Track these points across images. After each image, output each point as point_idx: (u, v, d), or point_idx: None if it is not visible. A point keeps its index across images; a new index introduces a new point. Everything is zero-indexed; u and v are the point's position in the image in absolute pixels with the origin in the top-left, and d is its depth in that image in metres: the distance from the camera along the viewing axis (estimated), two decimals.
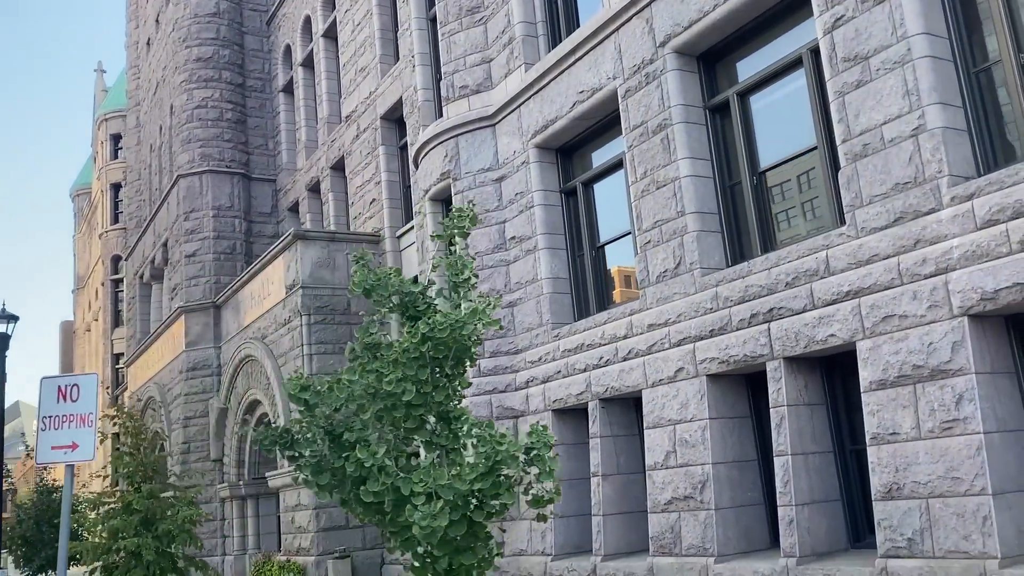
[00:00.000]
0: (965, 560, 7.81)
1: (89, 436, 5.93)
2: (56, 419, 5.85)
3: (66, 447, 5.92)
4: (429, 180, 16.59)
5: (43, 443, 5.82)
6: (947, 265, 8.30)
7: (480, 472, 3.59)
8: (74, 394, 5.91)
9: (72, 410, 5.85)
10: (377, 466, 3.55)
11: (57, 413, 5.83)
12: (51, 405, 5.83)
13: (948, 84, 8.77)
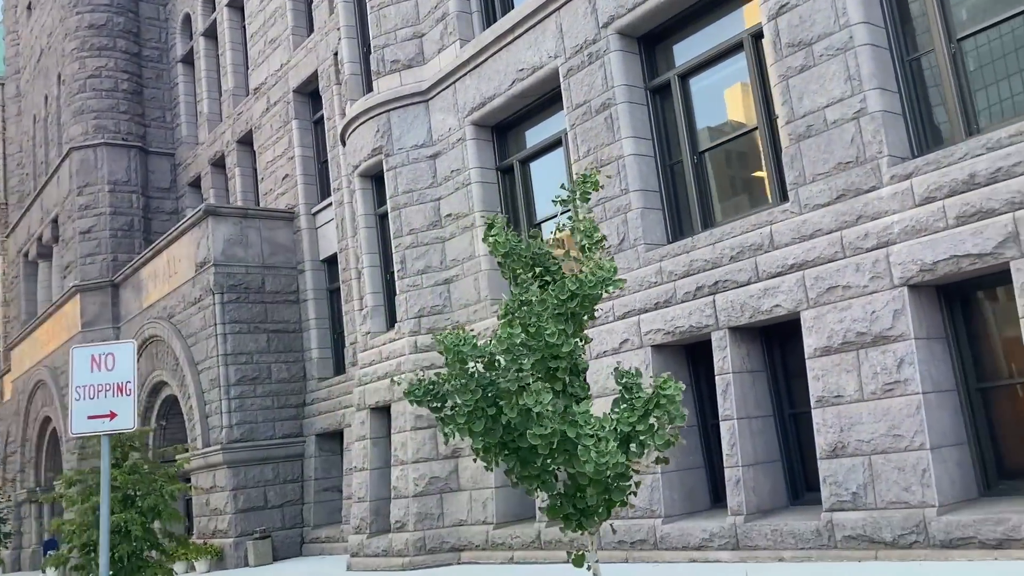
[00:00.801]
0: (906, 510, 8.52)
1: (128, 405, 5.75)
2: (91, 388, 5.66)
3: (104, 416, 5.74)
4: (359, 156, 16.48)
5: (78, 413, 5.63)
6: (888, 239, 8.96)
7: (639, 415, 3.86)
8: (109, 363, 5.72)
9: (108, 379, 5.68)
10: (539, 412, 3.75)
11: (92, 383, 5.65)
12: (85, 375, 5.65)
13: (886, 71, 9.42)
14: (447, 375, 3.76)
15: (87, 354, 5.64)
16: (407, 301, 15.26)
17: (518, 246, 4.17)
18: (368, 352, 16.23)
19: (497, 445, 3.76)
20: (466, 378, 3.77)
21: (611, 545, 11.49)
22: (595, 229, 4.18)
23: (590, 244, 4.18)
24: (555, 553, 12.31)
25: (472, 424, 3.83)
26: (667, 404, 3.81)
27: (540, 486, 4.01)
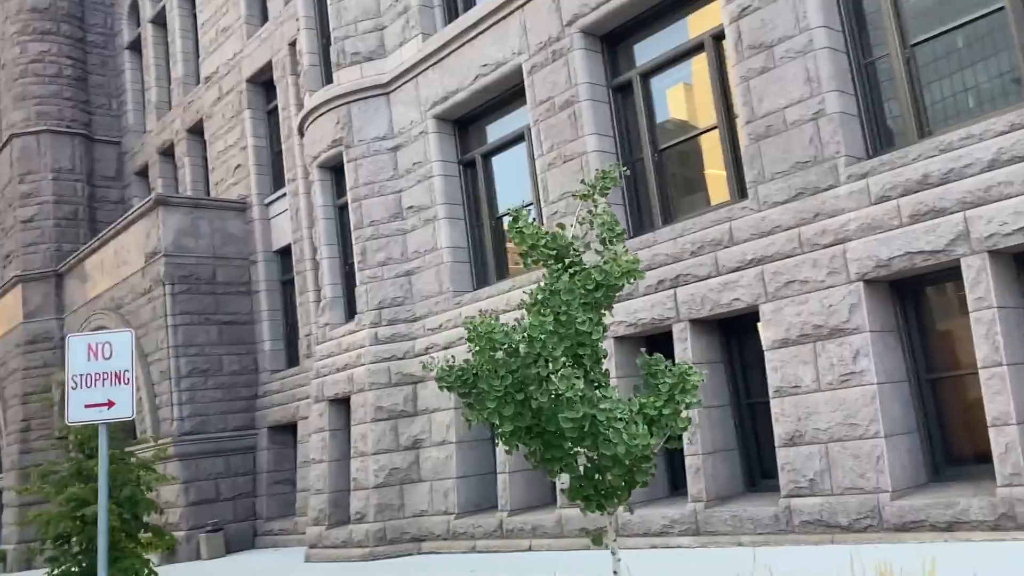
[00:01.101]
0: (861, 495, 8.92)
1: (126, 394, 5.75)
2: (88, 377, 5.65)
3: (101, 405, 5.73)
4: (318, 147, 16.43)
5: (75, 402, 5.61)
6: (845, 236, 9.34)
7: (664, 399, 4.05)
8: (106, 352, 5.71)
9: (106, 368, 5.67)
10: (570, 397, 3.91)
11: (89, 371, 5.63)
12: (81, 363, 5.63)
13: (843, 74, 9.80)
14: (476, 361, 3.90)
15: (84, 343, 5.63)
16: (367, 293, 15.30)
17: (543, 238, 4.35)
18: (327, 344, 16.22)
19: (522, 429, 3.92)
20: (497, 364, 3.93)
21: (573, 533, 11.74)
22: (616, 222, 4.38)
23: (611, 236, 4.37)
24: (518, 542, 12.54)
25: (502, 409, 3.99)
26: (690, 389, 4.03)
27: (562, 468, 4.20)
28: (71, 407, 5.62)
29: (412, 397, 14.73)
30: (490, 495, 14.02)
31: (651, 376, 3.86)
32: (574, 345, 3.90)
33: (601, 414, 3.87)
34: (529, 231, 4.44)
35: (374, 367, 14.88)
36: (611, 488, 4.23)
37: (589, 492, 4.24)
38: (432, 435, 14.33)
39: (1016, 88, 8.71)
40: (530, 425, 3.92)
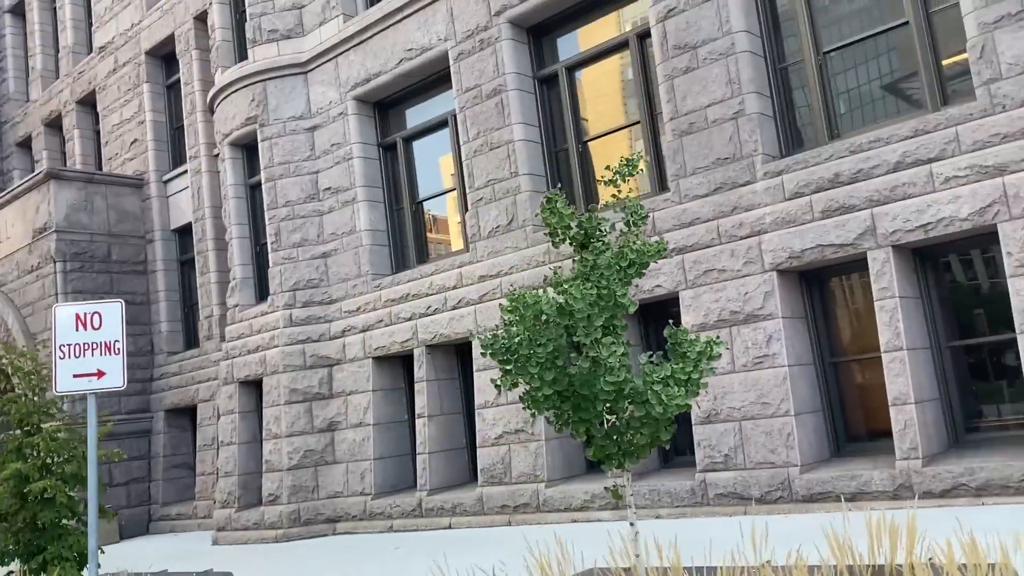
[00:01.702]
0: (772, 469, 9.63)
1: (117, 364, 5.63)
2: (77, 347, 5.50)
3: (90, 375, 5.60)
4: (231, 124, 16.15)
5: (63, 372, 5.45)
6: (761, 228, 10.01)
7: (692, 364, 4.38)
8: (96, 322, 5.55)
9: (95, 338, 5.51)
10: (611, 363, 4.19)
11: (77, 341, 5.49)
12: (69, 333, 5.47)
13: (762, 76, 10.47)
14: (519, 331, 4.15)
15: (71, 312, 5.52)
16: (281, 274, 15.19)
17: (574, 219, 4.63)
18: (237, 325, 16.00)
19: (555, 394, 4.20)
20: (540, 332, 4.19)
21: (494, 510, 12.11)
22: (640, 207, 4.72)
23: (636, 219, 4.70)
24: (437, 520, 12.81)
25: (544, 373, 4.26)
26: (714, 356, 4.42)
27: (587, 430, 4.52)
28: (59, 377, 5.52)
29: (328, 379, 14.75)
30: (406, 476, 14.24)
31: (677, 344, 4.22)
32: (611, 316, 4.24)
33: (638, 378, 4.21)
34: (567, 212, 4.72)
35: (289, 349, 14.81)
36: (634, 447, 4.59)
37: (612, 451, 4.57)
38: (348, 417, 14.40)
39: (919, 97, 9.54)
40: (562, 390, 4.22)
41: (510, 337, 4.19)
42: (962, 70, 9.22)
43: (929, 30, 9.45)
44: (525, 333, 4.19)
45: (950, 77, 9.39)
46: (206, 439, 19.20)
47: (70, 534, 7.53)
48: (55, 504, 7.29)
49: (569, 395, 4.30)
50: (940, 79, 9.39)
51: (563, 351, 4.16)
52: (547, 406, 4.38)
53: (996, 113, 8.51)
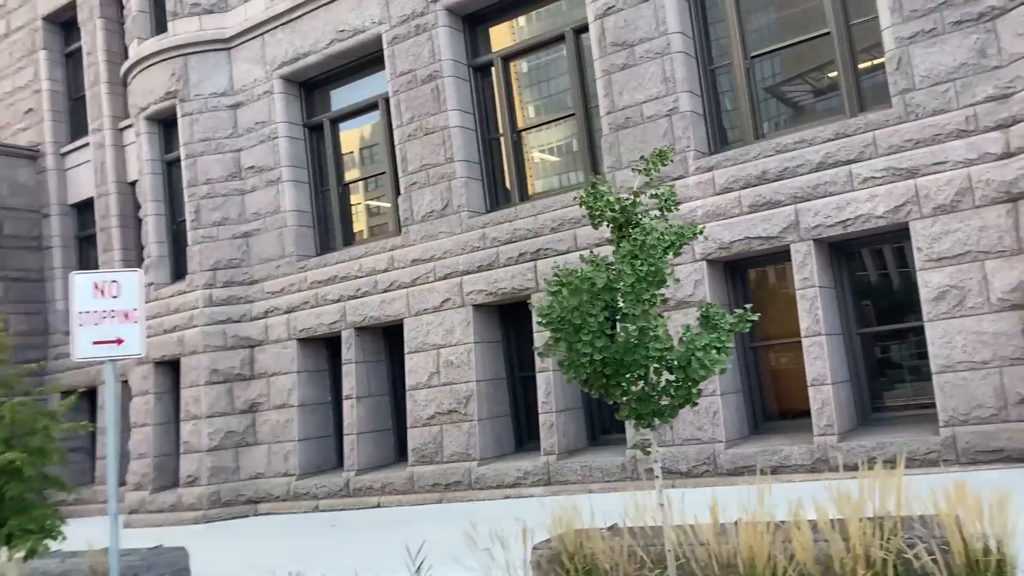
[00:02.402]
0: (699, 445, 10.29)
1: (135, 332, 5.53)
2: (95, 315, 5.38)
3: (110, 342, 5.50)
4: (148, 98, 15.72)
5: (82, 339, 5.35)
6: (693, 220, 10.62)
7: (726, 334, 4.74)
8: (113, 290, 5.43)
9: (113, 306, 5.40)
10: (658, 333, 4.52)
11: (95, 309, 5.38)
12: (87, 301, 5.36)
13: (694, 76, 11.08)
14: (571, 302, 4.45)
15: (89, 280, 5.45)
16: (201, 253, 14.95)
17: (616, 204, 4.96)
18: (152, 304, 15.63)
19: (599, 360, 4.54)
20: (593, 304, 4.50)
21: (425, 488, 12.39)
22: (673, 194, 5.09)
23: (669, 205, 5.07)
24: (366, 499, 12.98)
25: (595, 341, 4.58)
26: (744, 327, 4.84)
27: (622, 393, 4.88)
28: (78, 344, 5.48)
29: (249, 360, 14.64)
30: (329, 457, 14.32)
31: (709, 318, 4.62)
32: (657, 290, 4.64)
33: (681, 345, 4.61)
34: (612, 197, 5.05)
35: (209, 329, 14.61)
36: (664, 408, 5.00)
37: (645, 412, 4.97)
38: (271, 398, 14.35)
39: (839, 102, 10.33)
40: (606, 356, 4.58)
41: (565, 308, 4.51)
42: (879, 79, 10.05)
43: (849, 40, 10.25)
44: (582, 305, 4.53)
45: (867, 85, 10.22)
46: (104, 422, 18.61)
47: (35, 507, 7.41)
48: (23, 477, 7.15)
49: (610, 361, 4.67)
50: (858, 86, 10.20)
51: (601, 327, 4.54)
52: (587, 371, 4.75)
53: (910, 120, 9.35)
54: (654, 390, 4.92)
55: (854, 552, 4.42)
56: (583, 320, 4.58)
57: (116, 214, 19.24)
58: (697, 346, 4.53)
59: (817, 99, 10.72)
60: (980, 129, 8.94)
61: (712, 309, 4.89)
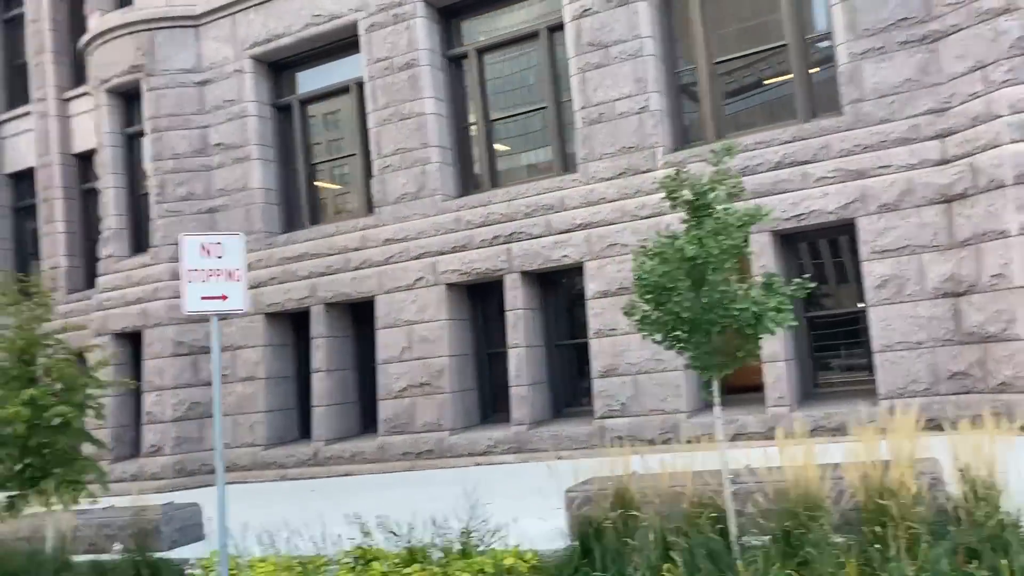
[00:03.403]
0: (662, 415, 11.30)
1: (238, 289, 5.94)
2: (202, 272, 5.79)
3: (216, 298, 5.92)
4: (111, 71, 15.75)
5: (192, 294, 5.75)
6: (662, 211, 11.52)
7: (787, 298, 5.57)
8: (218, 251, 5.81)
9: (218, 265, 5.82)
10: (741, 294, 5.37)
11: (202, 267, 5.79)
12: (195, 259, 5.75)
13: (663, 78, 12.03)
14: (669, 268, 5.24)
15: (197, 242, 5.87)
16: (165, 227, 15.13)
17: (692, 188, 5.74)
18: (111, 276, 15.71)
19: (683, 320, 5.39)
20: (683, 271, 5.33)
21: (395, 457, 13.04)
22: (740, 181, 5.92)
23: (735, 190, 5.89)
24: (335, 468, 13.55)
25: (683, 302, 5.38)
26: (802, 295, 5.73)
27: (695, 346, 5.71)
28: (188, 299, 5.93)
29: (217, 332, 14.90)
30: (292, 429, 14.80)
31: (770, 284, 5.49)
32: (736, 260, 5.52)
33: (756, 306, 5.44)
34: (695, 184, 5.83)
35: (174, 302, 14.80)
36: (728, 359, 5.88)
37: (711, 362, 5.82)
38: (236, 371, 14.69)
39: (793, 108, 11.44)
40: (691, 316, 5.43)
41: (658, 274, 5.31)
42: (830, 88, 11.21)
43: (804, 53, 11.38)
44: (673, 272, 5.33)
45: (818, 93, 11.36)
46: None
47: (79, 459, 7.70)
48: (70, 430, 7.43)
49: (690, 319, 5.51)
50: (811, 94, 11.33)
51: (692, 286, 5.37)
52: (668, 328, 5.57)
53: (859, 128, 10.54)
54: (725, 344, 5.81)
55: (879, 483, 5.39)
56: (674, 284, 5.41)
57: (60, 185, 19.02)
58: (767, 307, 5.42)
59: (773, 104, 11.81)
60: (921, 138, 10.18)
61: (773, 278, 5.79)
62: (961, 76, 9.90)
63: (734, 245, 5.60)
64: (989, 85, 9.59)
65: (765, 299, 5.48)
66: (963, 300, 9.78)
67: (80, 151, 19.17)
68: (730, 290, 5.55)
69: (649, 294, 5.60)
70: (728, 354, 5.88)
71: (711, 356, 5.83)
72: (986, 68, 9.65)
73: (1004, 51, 9.50)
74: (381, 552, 6.51)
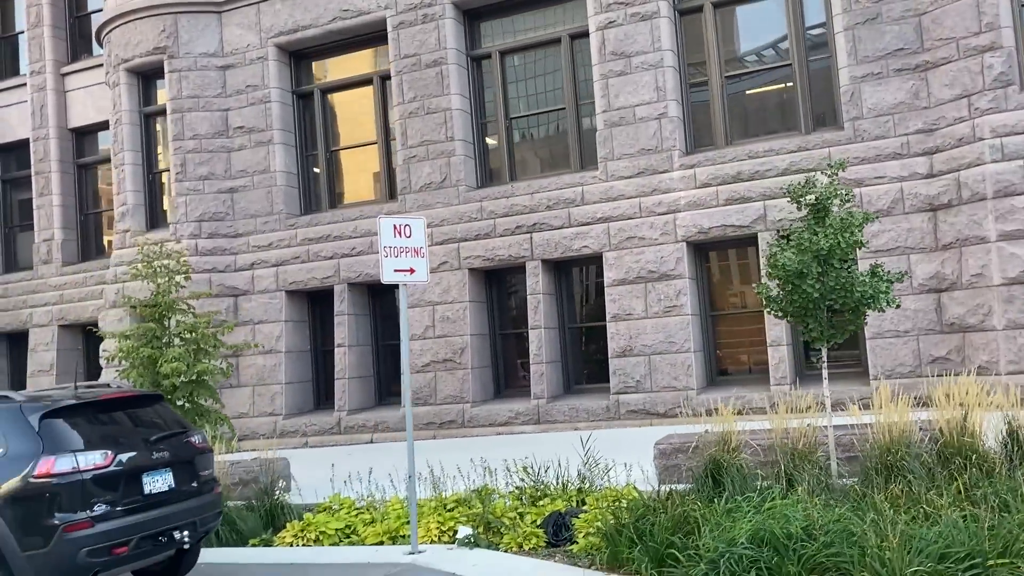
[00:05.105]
0: (674, 392, 12.62)
1: (422, 264, 6.86)
2: (395, 249, 6.67)
3: (405, 271, 6.82)
4: (132, 50, 16.19)
5: (387, 267, 6.66)
6: (676, 208, 12.88)
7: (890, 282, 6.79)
8: (407, 232, 6.69)
9: (407, 244, 6.70)
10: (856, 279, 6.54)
11: (395, 245, 6.68)
12: (389, 238, 6.63)
13: (680, 87, 13.31)
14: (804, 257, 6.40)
15: (391, 223, 6.78)
16: (187, 204, 15.72)
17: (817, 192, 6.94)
18: (128, 250, 16.17)
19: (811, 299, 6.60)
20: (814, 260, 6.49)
21: (418, 426, 14.04)
22: (849, 191, 7.13)
23: (847, 197, 7.11)
24: (358, 436, 14.47)
25: (815, 284, 6.58)
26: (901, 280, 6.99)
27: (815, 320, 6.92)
28: (385, 270, 6.84)
29: (233, 308, 15.62)
30: (309, 400, 15.62)
31: (875, 272, 6.71)
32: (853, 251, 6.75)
33: (872, 289, 6.65)
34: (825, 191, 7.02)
35: (195, 277, 15.40)
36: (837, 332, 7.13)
37: (830, 334, 7.05)
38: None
39: (799, 121, 12.83)
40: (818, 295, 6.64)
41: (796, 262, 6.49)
42: (829, 105, 12.65)
43: (808, 72, 12.79)
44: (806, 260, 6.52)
45: (820, 110, 12.79)
46: (42, 365, 18.88)
47: (212, 412, 8.45)
48: (207, 385, 8.16)
49: (817, 299, 6.74)
50: (812, 110, 12.76)
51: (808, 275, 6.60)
52: (796, 306, 6.77)
53: (858, 142, 12.00)
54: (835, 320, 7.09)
55: None
56: (808, 270, 6.64)
57: (56, 159, 19.25)
58: (880, 290, 6.71)
59: (778, 116, 13.20)
60: (911, 154, 11.70)
61: (878, 268, 7.09)
62: (949, 102, 11.44)
63: (857, 240, 6.88)
64: (974, 112, 11.15)
65: (877, 283, 6.77)
66: (945, 295, 11.36)
67: (76, 126, 19.44)
68: (851, 275, 6.83)
69: (785, 278, 6.81)
70: (838, 328, 7.15)
71: (827, 329, 7.09)
72: (971, 96, 11.21)
73: (988, 83, 11.07)
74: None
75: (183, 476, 5.93)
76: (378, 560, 6.74)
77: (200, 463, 6.21)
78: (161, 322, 8.75)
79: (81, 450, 5.38)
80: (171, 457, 5.86)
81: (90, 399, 5.86)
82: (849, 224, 6.85)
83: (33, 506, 5.16)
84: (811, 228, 7.02)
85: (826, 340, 7.31)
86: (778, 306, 7.10)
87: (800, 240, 6.80)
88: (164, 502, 5.71)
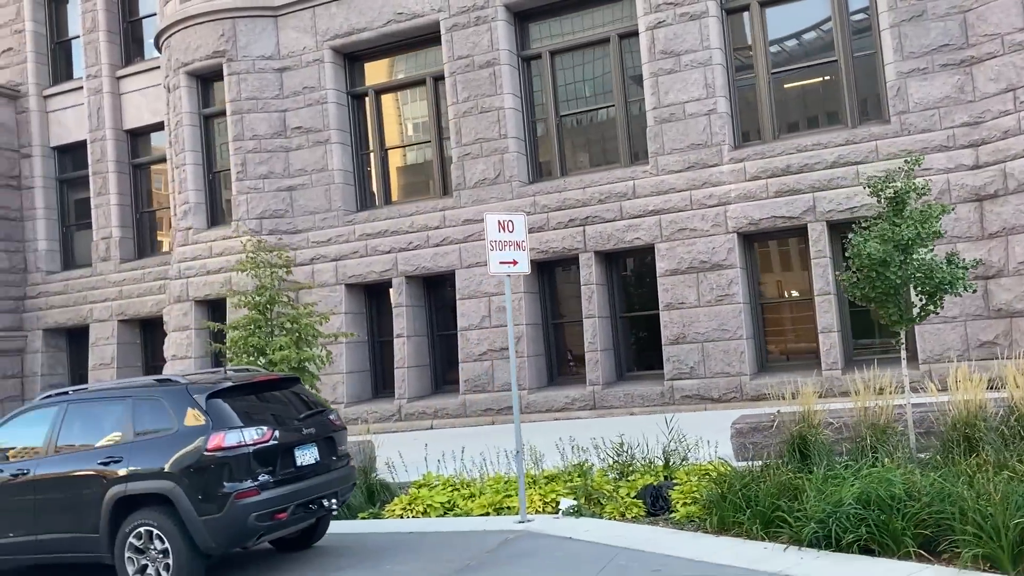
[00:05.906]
0: (728, 377, 13.15)
1: (524, 257, 7.45)
2: (500, 243, 7.27)
3: (509, 263, 7.42)
4: (193, 54, 16.80)
5: (493, 259, 7.25)
6: (727, 200, 13.40)
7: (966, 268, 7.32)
8: (510, 227, 7.28)
9: (510, 238, 7.30)
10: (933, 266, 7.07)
11: (500, 239, 7.28)
12: (495, 232, 7.23)
13: (728, 84, 13.81)
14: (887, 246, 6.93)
15: (495, 219, 7.36)
16: (248, 202, 16.34)
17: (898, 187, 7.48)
18: (191, 247, 16.82)
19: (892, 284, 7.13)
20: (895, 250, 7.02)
21: (477, 413, 14.63)
22: (927, 187, 7.64)
23: (923, 192, 7.63)
24: (418, 423, 15.07)
25: (896, 271, 7.11)
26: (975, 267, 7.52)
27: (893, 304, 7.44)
28: (491, 263, 7.42)
29: (296, 302, 16.18)
30: (367, 389, 16.24)
31: (951, 260, 7.23)
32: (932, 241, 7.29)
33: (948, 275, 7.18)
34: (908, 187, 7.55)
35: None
36: (913, 316, 7.64)
37: (902, 317, 7.57)
38: None
39: (845, 115, 13.31)
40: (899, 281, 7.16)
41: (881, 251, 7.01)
42: (873, 99, 13.13)
43: (853, 67, 13.27)
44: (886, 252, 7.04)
45: (866, 104, 13.28)
46: (103, 359, 19.55)
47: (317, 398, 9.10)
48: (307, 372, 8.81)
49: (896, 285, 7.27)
50: (858, 104, 13.24)
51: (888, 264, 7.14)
52: (877, 292, 7.28)
53: (903, 135, 12.48)
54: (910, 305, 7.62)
55: None
56: (891, 258, 7.18)
57: (113, 159, 19.90)
58: (957, 276, 7.24)
59: (825, 110, 13.70)
60: (957, 146, 12.19)
61: (954, 255, 7.61)
62: (994, 96, 11.92)
63: (936, 230, 7.41)
64: (1019, 105, 11.63)
65: (954, 270, 7.30)
66: (992, 282, 11.85)
67: (131, 127, 20.08)
68: (932, 263, 7.36)
69: (869, 266, 7.34)
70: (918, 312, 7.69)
71: (903, 312, 7.63)
72: (1017, 90, 11.68)
73: None
74: None
75: (326, 450, 6.51)
76: (492, 528, 7.33)
77: (338, 439, 6.80)
78: (264, 313, 9.36)
79: (244, 427, 5.98)
80: (316, 433, 6.45)
81: (243, 381, 6.46)
82: (928, 215, 7.38)
83: (207, 476, 5.76)
84: (890, 220, 7.54)
85: (905, 323, 7.83)
86: (861, 292, 7.62)
87: (883, 231, 7.32)
88: (312, 473, 6.30)
